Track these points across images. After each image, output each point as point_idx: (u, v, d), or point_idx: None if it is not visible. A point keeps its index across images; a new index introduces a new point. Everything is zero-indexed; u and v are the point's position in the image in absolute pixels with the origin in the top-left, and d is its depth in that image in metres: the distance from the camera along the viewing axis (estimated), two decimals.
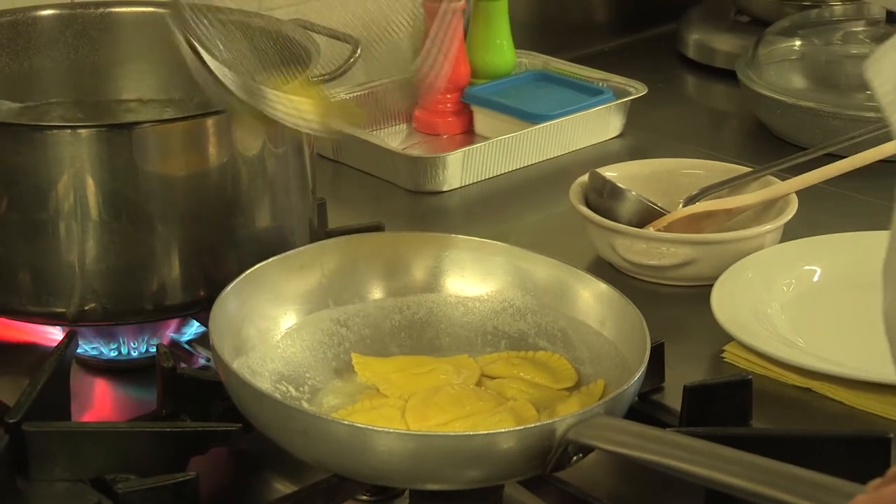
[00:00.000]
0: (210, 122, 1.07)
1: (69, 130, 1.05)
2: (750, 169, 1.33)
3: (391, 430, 0.91)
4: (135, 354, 1.13)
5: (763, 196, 1.28)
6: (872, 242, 1.24)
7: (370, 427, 0.89)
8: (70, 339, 1.05)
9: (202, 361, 1.12)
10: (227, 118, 1.07)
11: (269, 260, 1.06)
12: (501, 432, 0.89)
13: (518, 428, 0.90)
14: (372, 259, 1.09)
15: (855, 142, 1.37)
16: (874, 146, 1.32)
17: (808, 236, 1.26)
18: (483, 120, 1.56)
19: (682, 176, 1.34)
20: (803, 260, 1.23)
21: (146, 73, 1.26)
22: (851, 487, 0.78)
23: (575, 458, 0.90)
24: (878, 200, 1.38)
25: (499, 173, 1.47)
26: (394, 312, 1.09)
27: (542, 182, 1.47)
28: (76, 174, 1.04)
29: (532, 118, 1.51)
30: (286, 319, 1.05)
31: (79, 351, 1.10)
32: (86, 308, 1.07)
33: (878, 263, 1.12)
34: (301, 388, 1.02)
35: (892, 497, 0.71)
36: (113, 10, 1.26)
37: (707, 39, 1.79)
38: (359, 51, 1.23)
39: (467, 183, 1.45)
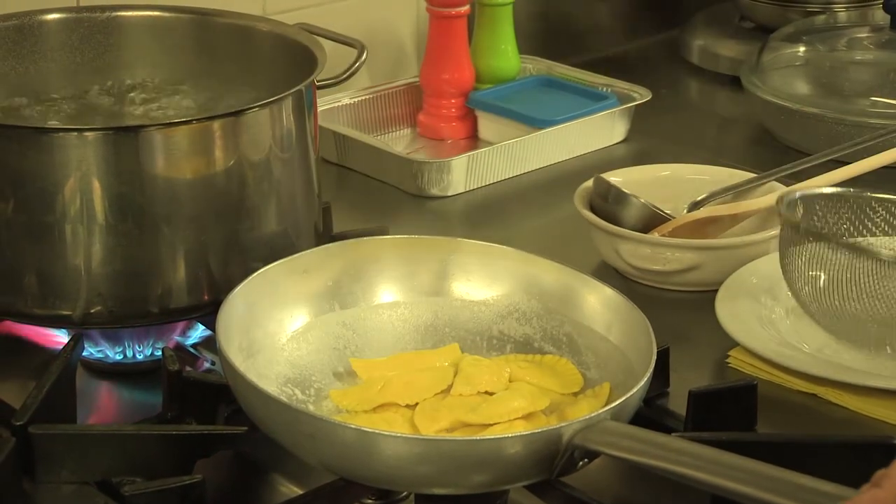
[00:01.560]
0: (216, 125, 1.07)
1: (75, 133, 1.05)
2: (754, 175, 1.33)
3: (398, 434, 0.91)
4: (140, 357, 1.13)
5: (768, 202, 1.28)
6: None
7: (377, 431, 0.89)
8: (76, 342, 1.05)
9: (207, 365, 1.12)
10: (233, 121, 1.07)
11: (275, 263, 1.06)
12: (508, 437, 0.89)
13: (525, 433, 0.90)
14: (377, 263, 1.10)
15: (859, 148, 1.37)
16: (879, 152, 1.32)
17: None
18: (487, 125, 1.56)
19: (687, 181, 1.34)
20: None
21: (152, 76, 1.26)
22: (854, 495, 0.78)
23: (581, 463, 0.90)
24: None
25: (503, 178, 1.47)
26: (399, 316, 1.09)
27: (547, 187, 1.47)
28: (82, 177, 1.04)
29: (536, 123, 1.51)
30: (292, 322, 1.05)
31: (84, 354, 1.10)
32: (92, 311, 1.07)
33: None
34: (307, 392, 1.02)
35: (873, 501, 0.71)
36: (119, 14, 1.26)
37: (711, 45, 1.80)
38: (364, 55, 1.23)
39: (472, 188, 1.45)
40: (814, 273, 1.10)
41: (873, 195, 1.18)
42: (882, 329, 1.09)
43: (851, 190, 1.19)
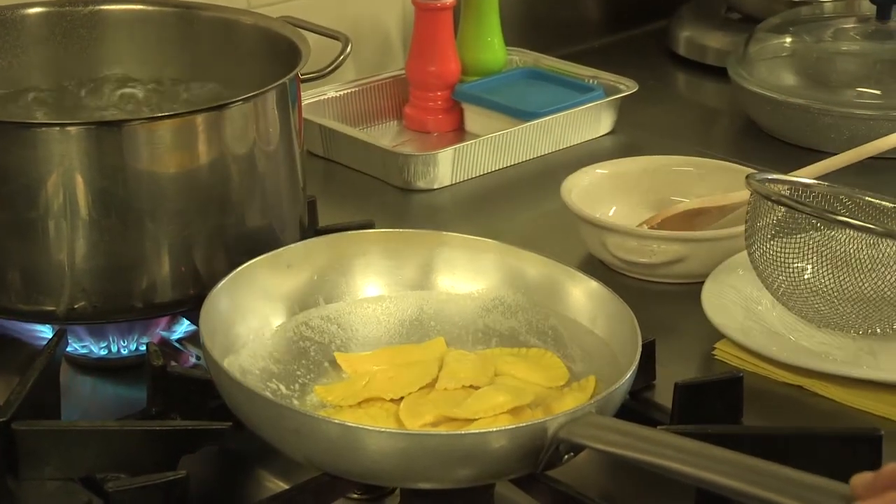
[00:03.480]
0: (200, 119, 1.06)
1: (58, 128, 1.05)
2: (740, 166, 1.33)
3: (382, 430, 0.91)
4: (125, 353, 1.12)
5: None
6: None
7: (362, 426, 0.89)
8: (60, 338, 1.05)
9: (192, 360, 1.12)
10: (216, 115, 1.06)
11: (260, 257, 1.05)
12: (493, 431, 0.89)
13: (510, 427, 0.90)
14: (362, 257, 1.09)
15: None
16: (864, 143, 1.32)
17: None
18: (474, 117, 1.56)
19: (673, 173, 1.34)
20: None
21: (135, 70, 1.26)
22: (841, 488, 0.78)
23: (566, 456, 0.90)
24: None
25: (490, 171, 1.47)
26: (384, 310, 1.09)
27: (533, 179, 1.46)
28: (65, 172, 1.04)
29: (523, 115, 1.51)
30: (276, 317, 1.05)
31: (68, 349, 1.09)
32: (75, 306, 1.07)
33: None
34: (291, 387, 1.02)
35: None
36: (102, 7, 1.25)
37: (698, 36, 1.79)
38: (349, 48, 1.22)
39: (458, 180, 1.45)
40: (790, 259, 1.10)
41: (841, 190, 1.18)
42: (867, 309, 1.09)
43: (823, 183, 1.19)
